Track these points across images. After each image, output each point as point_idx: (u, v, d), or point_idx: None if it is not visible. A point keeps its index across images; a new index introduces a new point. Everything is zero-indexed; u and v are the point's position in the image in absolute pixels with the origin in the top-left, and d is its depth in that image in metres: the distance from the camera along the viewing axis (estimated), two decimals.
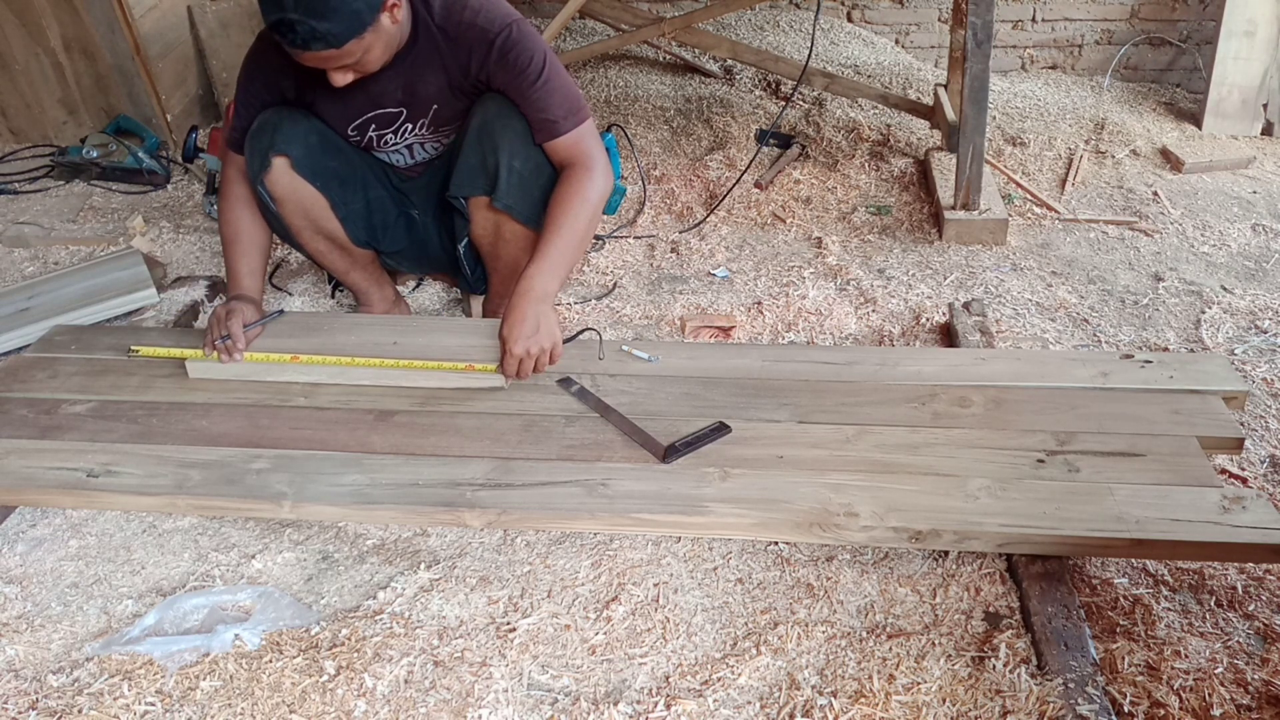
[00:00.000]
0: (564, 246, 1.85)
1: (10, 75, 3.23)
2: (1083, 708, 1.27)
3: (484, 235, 2.06)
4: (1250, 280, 2.42)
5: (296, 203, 1.99)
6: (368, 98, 1.93)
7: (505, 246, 2.07)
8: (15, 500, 1.70)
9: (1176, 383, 1.78)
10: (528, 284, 1.81)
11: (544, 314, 1.81)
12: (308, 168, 1.96)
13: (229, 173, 2.03)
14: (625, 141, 3.11)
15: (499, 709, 1.35)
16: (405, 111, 1.97)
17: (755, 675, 1.38)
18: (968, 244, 2.63)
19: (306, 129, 1.96)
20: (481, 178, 1.94)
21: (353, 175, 2.06)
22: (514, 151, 1.91)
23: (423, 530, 1.69)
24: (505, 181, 1.92)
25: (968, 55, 2.46)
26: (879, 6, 3.98)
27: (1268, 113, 3.24)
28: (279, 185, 1.95)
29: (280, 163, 1.93)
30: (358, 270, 2.23)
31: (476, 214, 2.02)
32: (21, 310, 2.27)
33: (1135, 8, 3.77)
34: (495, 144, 1.90)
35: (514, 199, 1.95)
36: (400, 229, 2.20)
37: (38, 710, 1.36)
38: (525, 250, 2.04)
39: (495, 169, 1.91)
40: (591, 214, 1.90)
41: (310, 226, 2.05)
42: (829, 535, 1.51)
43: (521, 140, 1.91)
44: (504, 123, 1.90)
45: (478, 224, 2.04)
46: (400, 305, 2.36)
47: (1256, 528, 1.43)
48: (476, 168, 1.94)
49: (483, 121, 1.92)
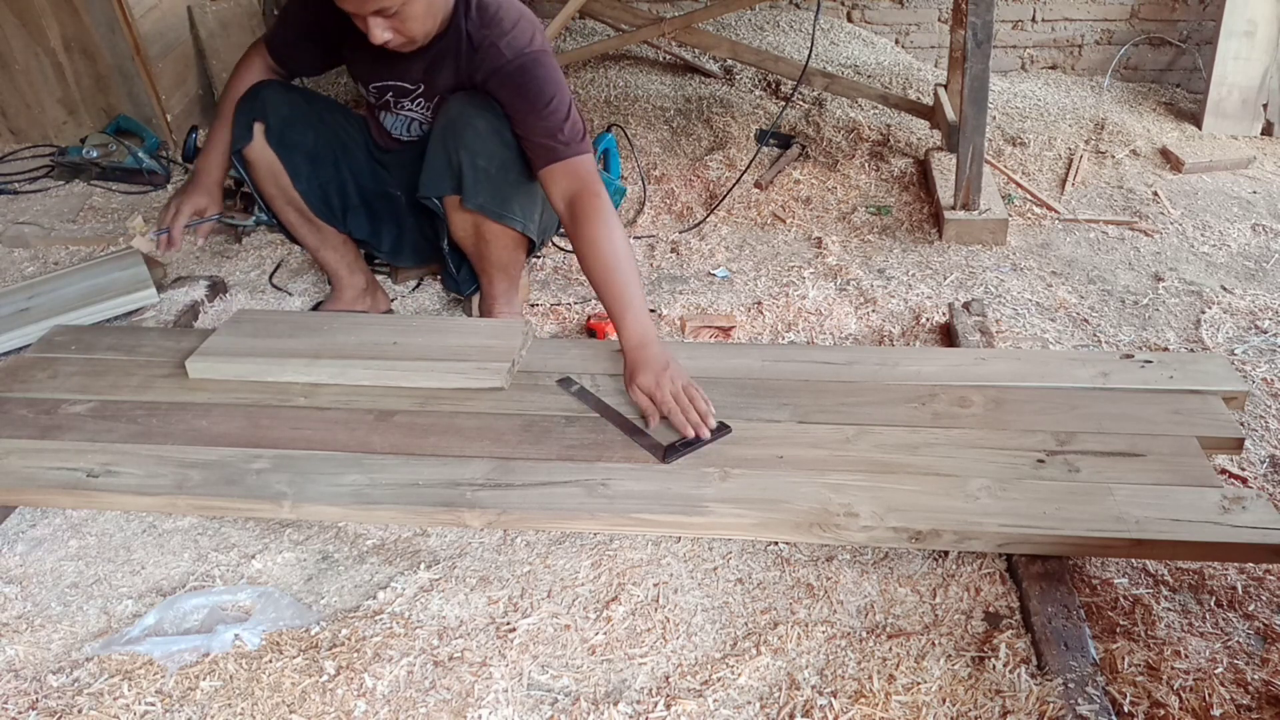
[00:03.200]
0: (633, 282, 1.79)
1: (10, 75, 3.24)
2: (1083, 708, 1.27)
3: (465, 236, 2.08)
4: (1250, 280, 2.42)
5: (266, 168, 2.07)
6: (392, 70, 2.00)
7: (488, 246, 2.07)
8: (15, 500, 1.70)
9: (1176, 383, 1.78)
10: (632, 338, 1.77)
11: (660, 355, 1.75)
12: (276, 136, 2.03)
13: (253, 58, 2.11)
14: (625, 141, 3.11)
15: (499, 709, 1.35)
16: (422, 88, 2.03)
17: (755, 675, 1.38)
18: (968, 244, 2.63)
19: (285, 99, 2.04)
20: (447, 177, 1.96)
21: (323, 153, 2.11)
22: (477, 150, 1.91)
23: (423, 530, 1.69)
24: (471, 180, 1.93)
25: (968, 55, 2.46)
26: (879, 6, 3.98)
27: (1268, 113, 3.24)
28: (252, 149, 2.04)
29: (258, 129, 2.02)
30: (328, 249, 2.25)
31: (453, 215, 2.04)
32: (21, 310, 2.27)
33: (1135, 8, 3.77)
34: (458, 143, 1.91)
35: (484, 197, 1.96)
36: (363, 215, 2.23)
37: (38, 710, 1.36)
38: (509, 248, 2.08)
39: (459, 168, 1.92)
40: (625, 237, 1.83)
41: (281, 195, 2.12)
42: (829, 535, 1.51)
43: (484, 138, 1.91)
44: (466, 121, 1.91)
45: (456, 225, 2.06)
46: (373, 294, 2.35)
47: (1256, 528, 1.43)
48: (442, 168, 1.96)
49: (446, 122, 1.94)
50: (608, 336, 2.19)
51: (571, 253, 2.60)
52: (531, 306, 2.39)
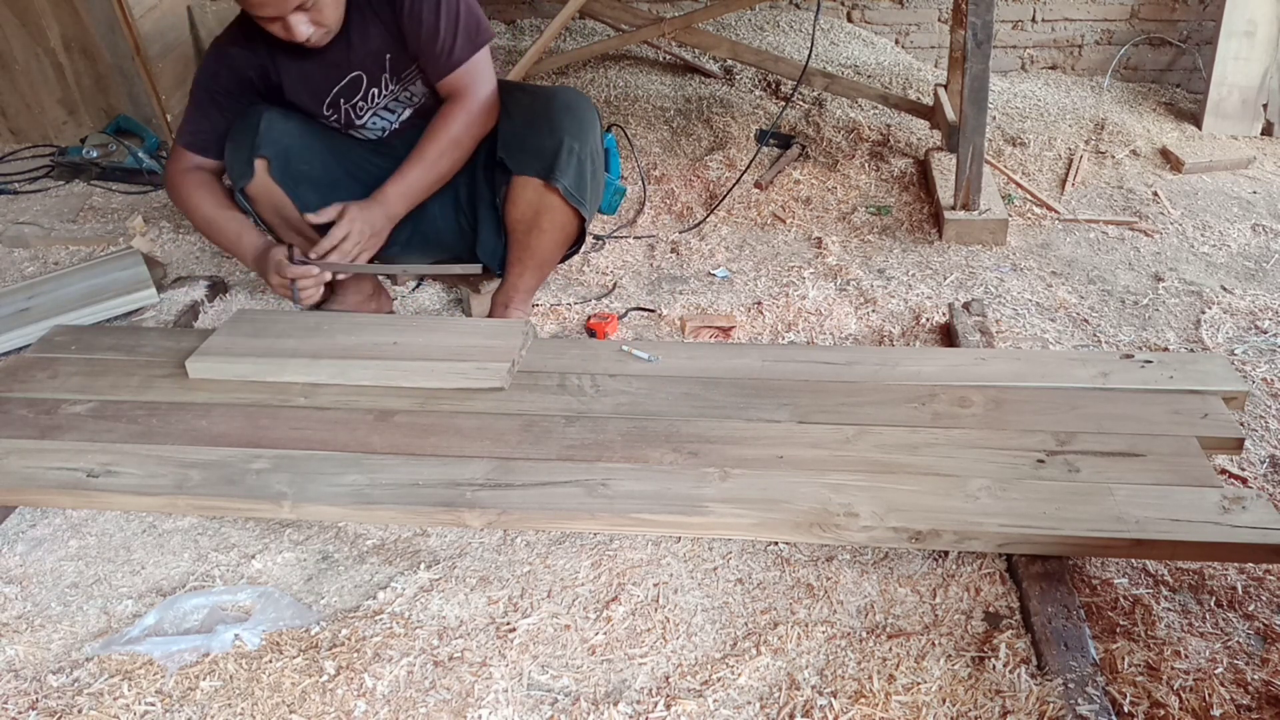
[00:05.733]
0: (424, 177, 2.01)
1: (10, 75, 3.23)
2: (1083, 708, 1.27)
3: (521, 218, 2.08)
4: (1250, 280, 2.42)
5: (268, 201, 2.05)
6: (326, 73, 2.00)
7: (542, 236, 2.09)
8: (15, 500, 1.70)
9: (1176, 383, 1.78)
10: (383, 195, 1.98)
11: (383, 223, 1.97)
12: (279, 170, 2.01)
13: (188, 174, 2.05)
14: (625, 141, 3.11)
15: (499, 709, 1.35)
16: (364, 75, 2.02)
17: (755, 675, 1.38)
18: (968, 244, 2.63)
19: (283, 129, 2.01)
20: (538, 158, 1.99)
21: (328, 178, 2.09)
22: (575, 134, 1.99)
23: (423, 530, 1.69)
24: (565, 162, 1.99)
25: (968, 55, 2.46)
26: (879, 6, 3.98)
27: (1268, 113, 3.24)
28: (254, 186, 2.01)
29: (260, 165, 1.99)
30: None
31: (519, 194, 2.04)
32: (21, 310, 2.27)
33: (1135, 8, 3.77)
34: (564, 127, 1.98)
35: (570, 180, 2.00)
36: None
37: (38, 710, 1.36)
38: (559, 242, 2.12)
39: (556, 150, 1.98)
40: (461, 155, 2.05)
41: (284, 224, 2.09)
42: (829, 535, 1.51)
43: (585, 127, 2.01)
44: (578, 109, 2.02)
45: (518, 206, 2.06)
46: (377, 297, 2.34)
47: (1256, 528, 1.43)
48: (538, 148, 2.00)
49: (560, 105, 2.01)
50: (607, 336, 2.20)
51: (571, 253, 2.61)
52: (532, 306, 2.39)
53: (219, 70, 2.00)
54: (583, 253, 2.61)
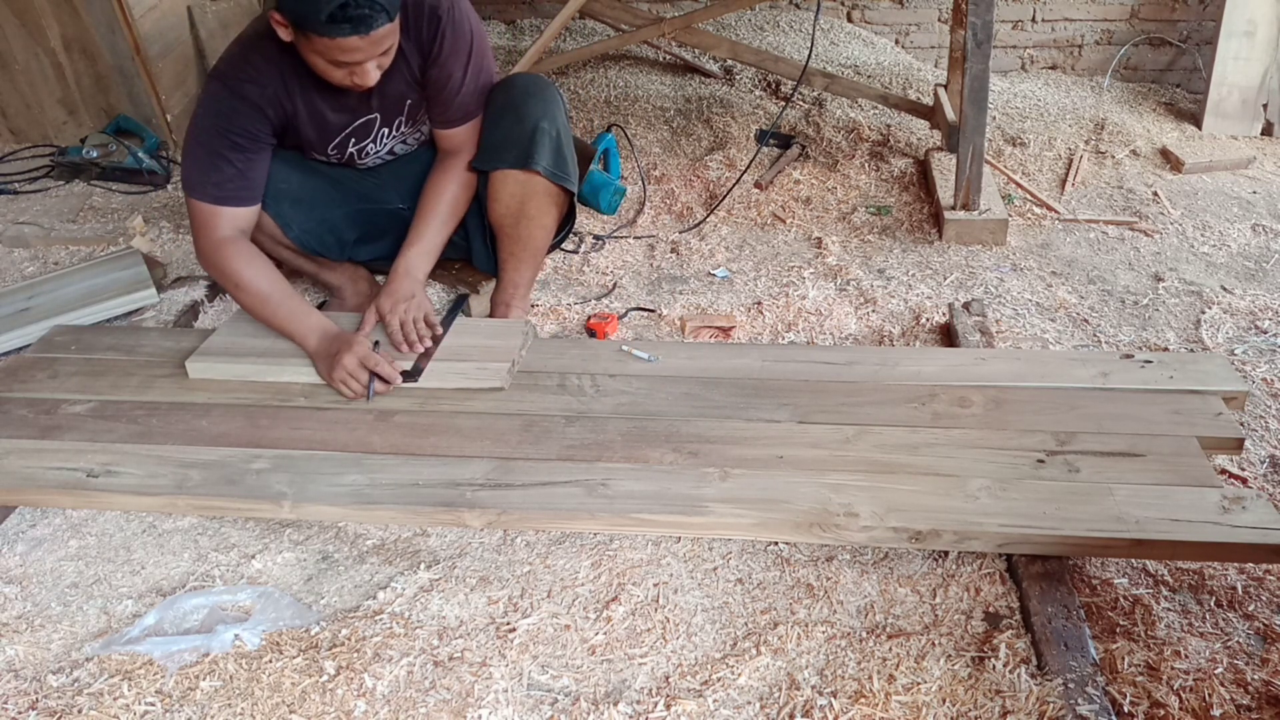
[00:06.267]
0: (443, 233, 2.02)
1: (10, 75, 3.23)
2: (1083, 708, 1.27)
3: (507, 212, 2.07)
4: (1250, 280, 2.42)
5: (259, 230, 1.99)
6: (341, 114, 1.94)
7: (530, 224, 2.08)
8: (15, 500, 1.70)
9: (1176, 383, 1.78)
10: (405, 263, 1.97)
11: (409, 288, 1.95)
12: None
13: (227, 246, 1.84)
14: (625, 141, 3.11)
15: (499, 709, 1.35)
16: (379, 117, 1.98)
17: (755, 675, 1.38)
18: (968, 244, 2.63)
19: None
20: (510, 149, 1.99)
21: (310, 195, 2.05)
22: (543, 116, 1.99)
23: (423, 530, 1.69)
24: (540, 145, 1.98)
25: (968, 55, 2.46)
26: (879, 6, 3.98)
27: (1268, 113, 3.24)
28: None
29: None
30: (326, 271, 2.24)
31: (500, 189, 2.03)
32: (21, 310, 2.27)
33: (1135, 8, 3.77)
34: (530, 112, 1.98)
35: (548, 160, 2.00)
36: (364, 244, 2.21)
37: (38, 710, 1.36)
38: (547, 227, 2.11)
39: (530, 135, 1.97)
40: (467, 205, 2.08)
41: (270, 240, 2.06)
42: (829, 535, 1.51)
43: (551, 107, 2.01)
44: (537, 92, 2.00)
45: (502, 200, 2.05)
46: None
47: (1256, 528, 1.43)
48: (504, 141, 1.99)
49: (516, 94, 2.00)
50: (607, 336, 2.20)
51: (572, 253, 2.61)
52: (532, 306, 2.39)
53: (235, 108, 1.80)
54: (582, 252, 2.61)
